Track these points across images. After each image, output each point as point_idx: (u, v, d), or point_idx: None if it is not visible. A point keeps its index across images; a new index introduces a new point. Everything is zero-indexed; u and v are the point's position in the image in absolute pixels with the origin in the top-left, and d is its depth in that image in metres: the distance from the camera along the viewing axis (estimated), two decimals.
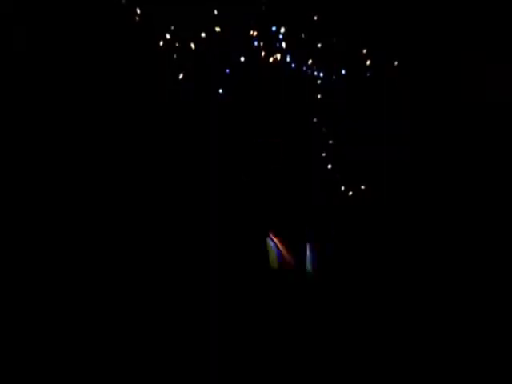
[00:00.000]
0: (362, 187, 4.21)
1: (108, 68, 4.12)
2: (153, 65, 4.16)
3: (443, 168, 4.26)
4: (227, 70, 4.16)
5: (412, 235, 4.21)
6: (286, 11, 4.14)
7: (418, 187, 4.25)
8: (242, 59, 4.15)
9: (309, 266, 4.10)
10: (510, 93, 4.04)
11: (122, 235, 4.06)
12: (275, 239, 4.12)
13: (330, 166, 4.21)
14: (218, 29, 4.13)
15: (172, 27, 4.13)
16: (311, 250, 4.14)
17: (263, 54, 4.16)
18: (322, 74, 4.16)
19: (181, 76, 4.17)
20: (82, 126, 4.11)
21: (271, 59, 4.17)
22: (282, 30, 4.14)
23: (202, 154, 4.22)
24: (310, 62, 4.16)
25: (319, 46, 4.15)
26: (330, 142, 4.20)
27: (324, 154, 4.22)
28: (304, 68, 4.17)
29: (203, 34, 4.14)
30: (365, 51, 4.14)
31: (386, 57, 4.16)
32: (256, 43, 4.15)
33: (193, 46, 4.14)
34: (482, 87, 4.13)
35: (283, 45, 4.15)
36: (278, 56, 4.15)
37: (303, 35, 4.14)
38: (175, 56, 4.16)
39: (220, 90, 4.17)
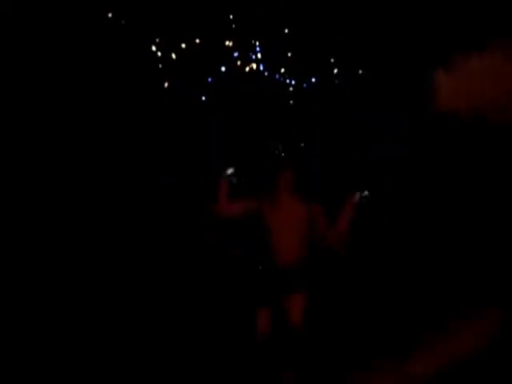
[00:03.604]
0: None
1: (99, 72, 4.40)
2: (137, 74, 4.46)
3: (441, 164, 4.43)
4: (209, 79, 4.54)
5: (410, 233, 4.42)
6: (262, 24, 4.48)
7: (417, 182, 4.45)
8: (223, 69, 4.52)
9: None
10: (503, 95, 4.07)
11: (122, 234, 4.32)
12: None
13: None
14: (197, 40, 4.48)
15: (157, 40, 4.46)
16: None
17: (239, 63, 4.52)
18: (293, 82, 4.55)
19: (166, 85, 4.53)
20: (81, 125, 4.38)
21: (247, 68, 4.54)
22: (257, 42, 4.50)
23: (185, 157, 4.58)
24: (282, 70, 4.55)
25: (289, 55, 4.51)
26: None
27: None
28: (277, 76, 4.55)
29: (183, 45, 4.47)
30: (332, 60, 4.52)
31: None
32: (235, 54, 4.51)
33: (174, 56, 4.48)
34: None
35: (259, 55, 4.51)
36: (254, 65, 4.53)
37: (277, 46, 4.50)
38: (160, 66, 4.50)
39: (203, 98, 4.56)
